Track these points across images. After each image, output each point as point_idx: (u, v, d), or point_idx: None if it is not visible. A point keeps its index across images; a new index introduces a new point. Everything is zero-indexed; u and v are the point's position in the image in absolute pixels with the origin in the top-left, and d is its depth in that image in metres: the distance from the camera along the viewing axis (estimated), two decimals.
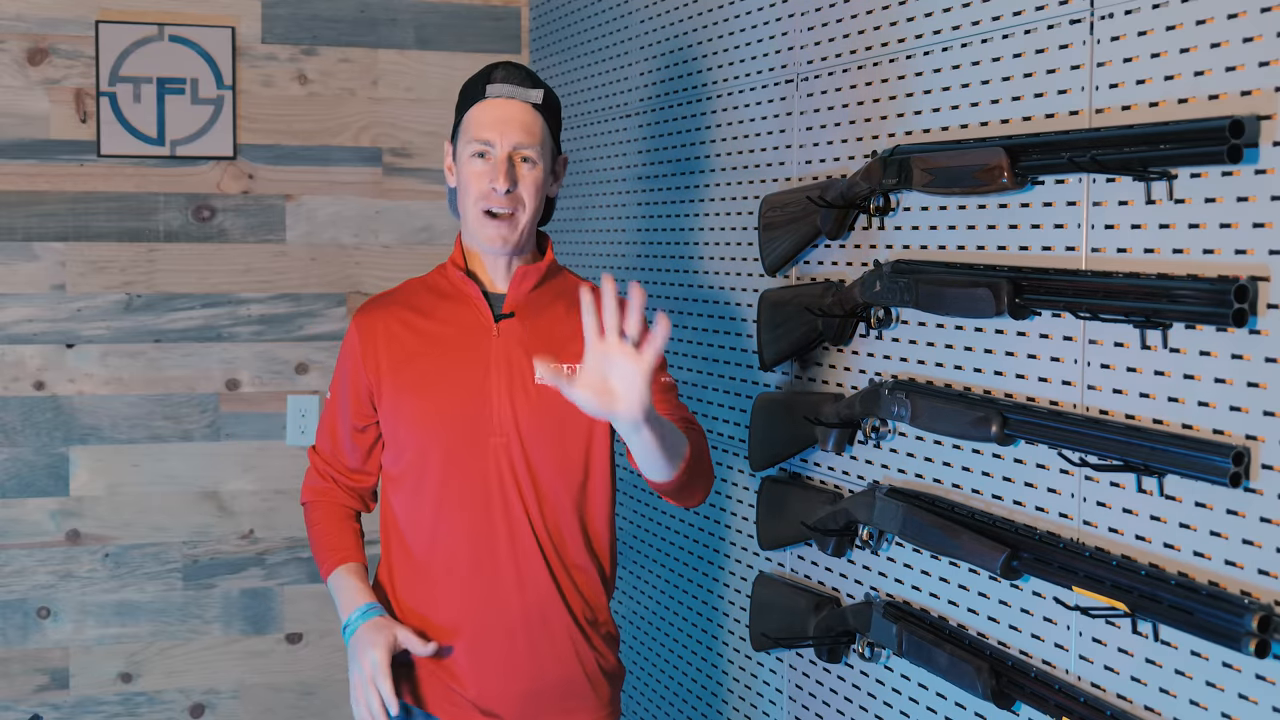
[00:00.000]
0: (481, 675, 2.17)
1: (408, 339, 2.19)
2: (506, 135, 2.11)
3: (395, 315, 2.21)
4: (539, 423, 2.14)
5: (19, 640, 3.50)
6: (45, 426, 3.49)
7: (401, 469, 2.20)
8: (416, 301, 2.22)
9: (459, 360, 2.16)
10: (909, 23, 2.04)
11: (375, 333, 2.20)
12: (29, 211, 3.46)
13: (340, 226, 3.67)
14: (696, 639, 2.78)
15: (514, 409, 2.14)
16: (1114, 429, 1.60)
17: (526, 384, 2.15)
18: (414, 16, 3.71)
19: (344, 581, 2.22)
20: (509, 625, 2.16)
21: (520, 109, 2.13)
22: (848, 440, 2.18)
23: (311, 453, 2.33)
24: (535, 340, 2.16)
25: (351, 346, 2.22)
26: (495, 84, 2.14)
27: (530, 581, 2.16)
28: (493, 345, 2.16)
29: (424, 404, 2.16)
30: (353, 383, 2.22)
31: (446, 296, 2.21)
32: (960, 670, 1.85)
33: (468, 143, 2.14)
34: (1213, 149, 1.45)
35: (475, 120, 2.14)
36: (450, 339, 2.17)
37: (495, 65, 2.18)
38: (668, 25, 2.85)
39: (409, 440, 2.18)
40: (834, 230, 2.19)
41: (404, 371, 2.17)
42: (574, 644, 2.20)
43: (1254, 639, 1.40)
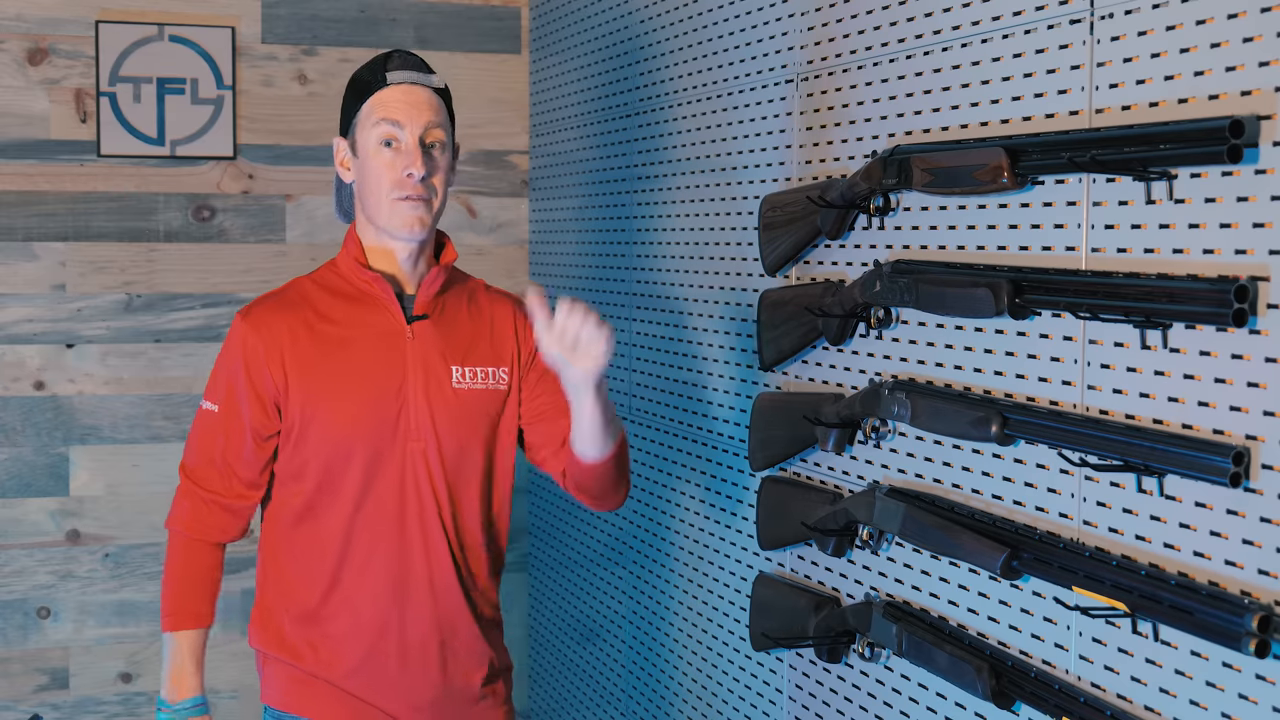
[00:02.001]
0: (394, 684, 2.12)
1: (314, 344, 2.08)
2: (416, 118, 2.04)
3: (297, 318, 2.10)
4: (456, 427, 2.11)
5: (19, 640, 3.50)
6: (45, 426, 3.49)
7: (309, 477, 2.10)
8: (315, 303, 2.12)
9: (374, 363, 2.08)
10: (909, 23, 2.04)
11: (278, 336, 2.07)
12: (29, 211, 3.46)
13: (340, 227, 3.65)
14: (696, 639, 2.78)
15: (432, 413, 2.10)
16: (1114, 429, 1.60)
17: (443, 387, 2.10)
18: (414, 16, 3.71)
19: (179, 654, 2.15)
20: (420, 630, 2.13)
21: (425, 93, 2.06)
22: (848, 440, 2.18)
23: (184, 475, 2.16)
24: (448, 343, 2.12)
25: (251, 352, 2.07)
26: (395, 70, 2.06)
27: (441, 586, 2.13)
28: (408, 348, 2.10)
29: (340, 410, 2.06)
30: (254, 390, 2.08)
31: (349, 298, 2.12)
32: (960, 670, 1.85)
33: (373, 127, 2.05)
34: (1213, 149, 1.45)
35: (380, 105, 2.05)
36: (360, 342, 2.09)
37: (389, 54, 2.09)
38: (668, 25, 2.85)
39: (322, 447, 2.08)
40: (834, 230, 2.19)
41: (314, 377, 2.07)
42: (481, 649, 2.19)
43: (1254, 639, 1.40)
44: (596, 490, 2.14)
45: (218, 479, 2.14)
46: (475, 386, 2.13)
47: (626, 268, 3.05)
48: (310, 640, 2.13)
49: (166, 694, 2.16)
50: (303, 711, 2.13)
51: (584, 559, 3.35)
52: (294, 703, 2.14)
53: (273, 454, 2.13)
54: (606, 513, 2.31)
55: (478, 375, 2.13)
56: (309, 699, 2.13)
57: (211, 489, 2.14)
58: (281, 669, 2.15)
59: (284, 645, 2.14)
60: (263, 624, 2.17)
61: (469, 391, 2.12)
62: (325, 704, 2.12)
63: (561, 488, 2.23)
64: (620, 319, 3.08)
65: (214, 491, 2.14)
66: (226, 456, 2.12)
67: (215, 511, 2.15)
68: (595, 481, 2.11)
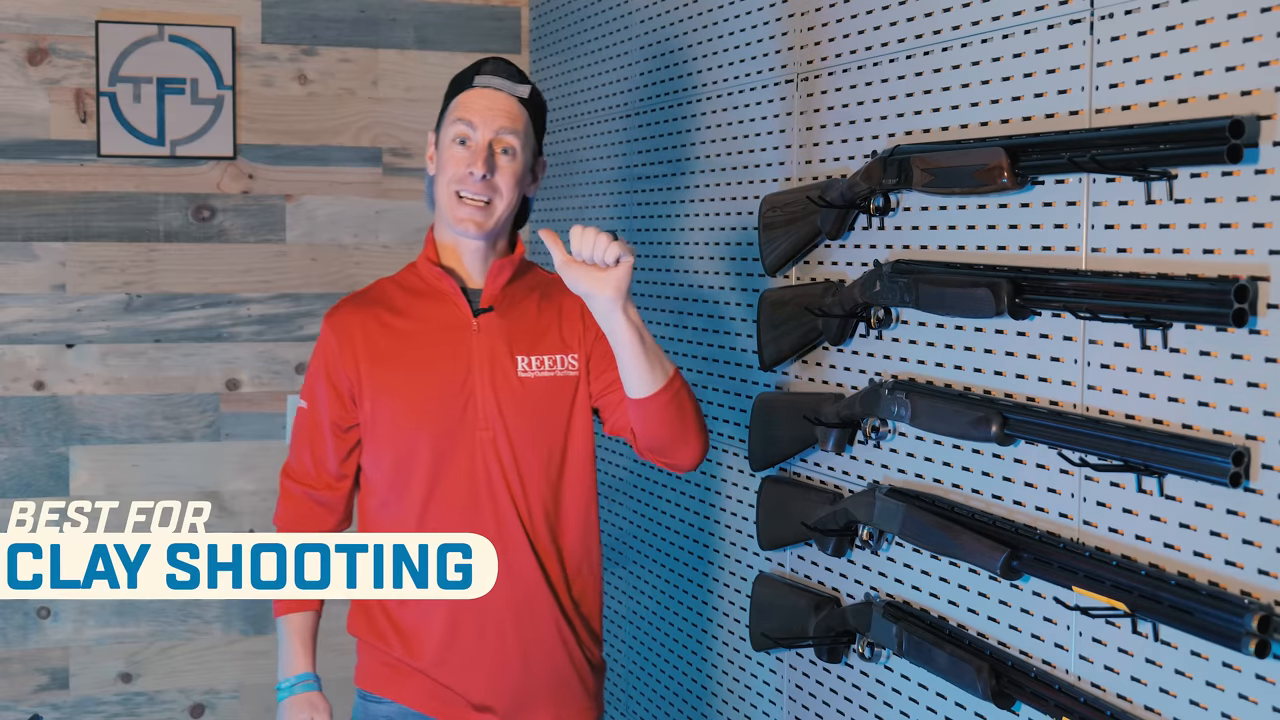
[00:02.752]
0: (473, 671, 2.17)
1: (385, 338, 2.18)
2: (490, 121, 2.13)
3: (370, 314, 2.20)
4: (523, 415, 2.15)
5: (19, 640, 3.50)
6: (45, 426, 3.49)
7: (384, 468, 2.19)
8: (390, 300, 2.21)
9: (440, 356, 2.16)
10: (909, 23, 2.04)
11: (352, 333, 2.18)
12: (29, 211, 3.46)
13: (340, 226, 3.67)
14: (697, 639, 2.78)
15: (499, 402, 2.15)
16: (1114, 429, 1.60)
17: (509, 377, 2.15)
18: (414, 16, 3.71)
19: (289, 636, 2.28)
20: (499, 618, 2.17)
21: (506, 100, 2.15)
22: (848, 440, 2.18)
23: (284, 477, 2.29)
24: (515, 333, 2.17)
25: (327, 348, 2.20)
26: (485, 75, 2.16)
27: (518, 573, 2.16)
28: (473, 340, 2.16)
29: (408, 402, 2.15)
30: (333, 384, 2.19)
31: (420, 294, 2.20)
32: (960, 670, 1.85)
33: (450, 125, 2.15)
34: (1213, 149, 1.45)
35: (460, 105, 2.15)
36: (429, 335, 2.17)
37: (485, 59, 2.20)
38: (668, 25, 2.85)
39: (393, 439, 2.17)
40: (834, 230, 2.19)
41: (384, 370, 2.16)
42: (561, 635, 2.20)
43: (1254, 639, 1.40)
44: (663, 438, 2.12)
45: (308, 472, 2.26)
46: (542, 374, 2.17)
47: None
48: (396, 627, 2.20)
49: (279, 673, 2.29)
50: (388, 694, 2.20)
51: None
52: (381, 685, 2.21)
53: (355, 445, 2.23)
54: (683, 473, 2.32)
55: (545, 363, 2.17)
56: (395, 683, 2.20)
57: (303, 482, 2.26)
58: (373, 654, 2.23)
59: (374, 631, 2.22)
60: (358, 611, 2.26)
61: (535, 380, 2.16)
62: (410, 688, 2.19)
63: (638, 454, 2.22)
64: None
65: (305, 484, 2.26)
66: (314, 450, 2.24)
67: (307, 504, 2.27)
68: (656, 427, 2.10)
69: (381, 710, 2.20)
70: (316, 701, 2.25)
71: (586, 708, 2.26)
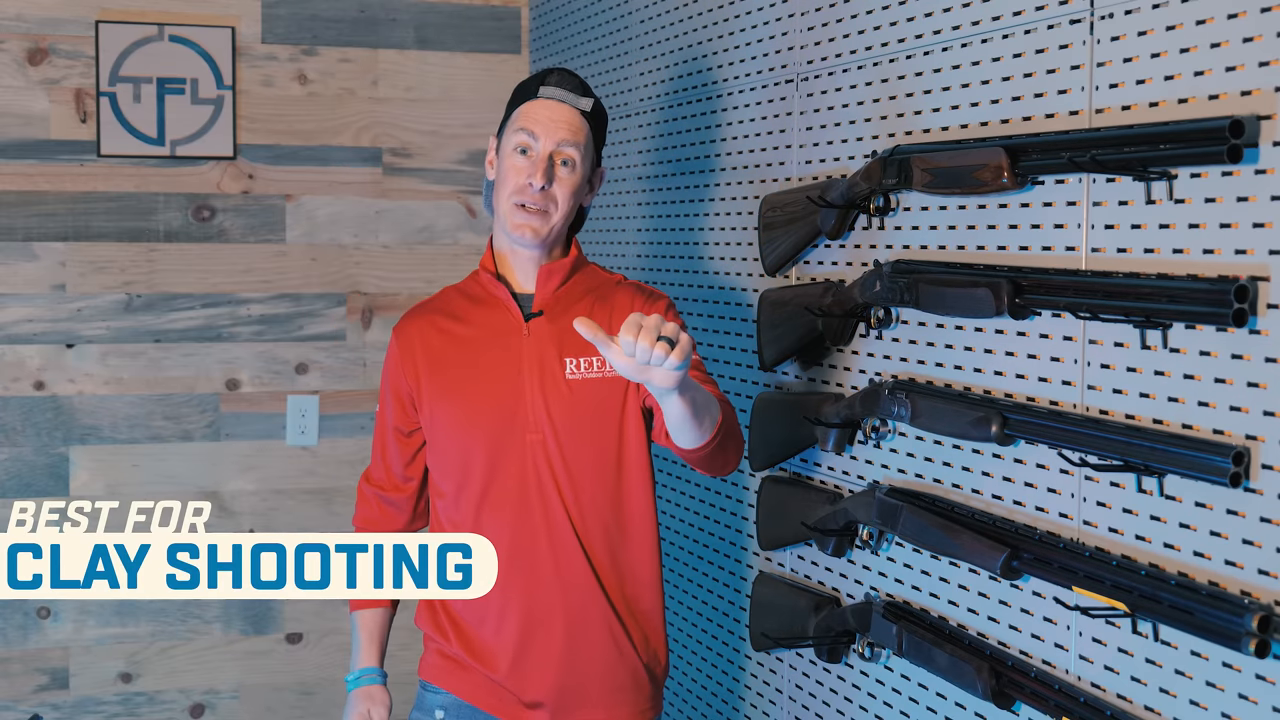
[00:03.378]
0: (524, 668, 2.20)
1: (442, 345, 2.24)
2: (551, 133, 2.15)
3: (430, 322, 2.26)
4: (572, 418, 2.17)
5: (19, 640, 3.50)
6: (45, 426, 3.49)
7: (444, 470, 2.24)
8: (452, 308, 2.27)
9: (492, 361, 2.20)
10: (909, 23, 2.04)
11: (412, 341, 2.26)
12: (29, 211, 3.46)
13: (340, 226, 3.67)
14: (696, 639, 2.78)
15: (547, 405, 2.17)
16: (1114, 429, 1.60)
17: (558, 380, 2.18)
18: (414, 16, 3.70)
19: (358, 631, 2.34)
20: (549, 618, 2.19)
21: (569, 112, 2.17)
22: (848, 440, 2.18)
23: (363, 482, 2.37)
24: (565, 337, 2.18)
25: (392, 356, 2.29)
26: (549, 86, 2.19)
27: (569, 574, 2.18)
28: (524, 344, 2.19)
29: (461, 407, 2.20)
30: (395, 391, 2.28)
31: (479, 301, 2.25)
32: (960, 670, 1.85)
33: (513, 134, 2.18)
34: (1213, 149, 1.45)
35: (524, 115, 2.18)
36: (482, 341, 2.22)
37: (552, 70, 2.23)
38: (668, 25, 2.85)
39: (450, 443, 2.22)
40: (834, 230, 2.19)
41: (440, 377, 2.22)
42: (613, 637, 2.21)
43: (1254, 639, 1.40)
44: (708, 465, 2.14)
45: (380, 473, 2.35)
46: (590, 376, 2.18)
47: (627, 268, 3.05)
48: (454, 621, 2.25)
49: (350, 666, 2.35)
50: (444, 685, 2.26)
51: None
52: (439, 677, 2.27)
53: (419, 448, 2.30)
54: None
55: (594, 365, 2.18)
56: (451, 675, 2.25)
57: (375, 483, 2.35)
58: (433, 647, 2.29)
59: (437, 626, 2.27)
60: (424, 605, 2.31)
61: (583, 382, 2.18)
62: (465, 682, 2.24)
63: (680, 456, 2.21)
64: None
65: (377, 485, 2.35)
66: (385, 454, 2.33)
67: (377, 504, 2.35)
68: (699, 464, 2.13)
69: (436, 700, 2.25)
70: (375, 694, 2.30)
71: (642, 710, 2.26)
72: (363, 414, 3.65)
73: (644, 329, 1.77)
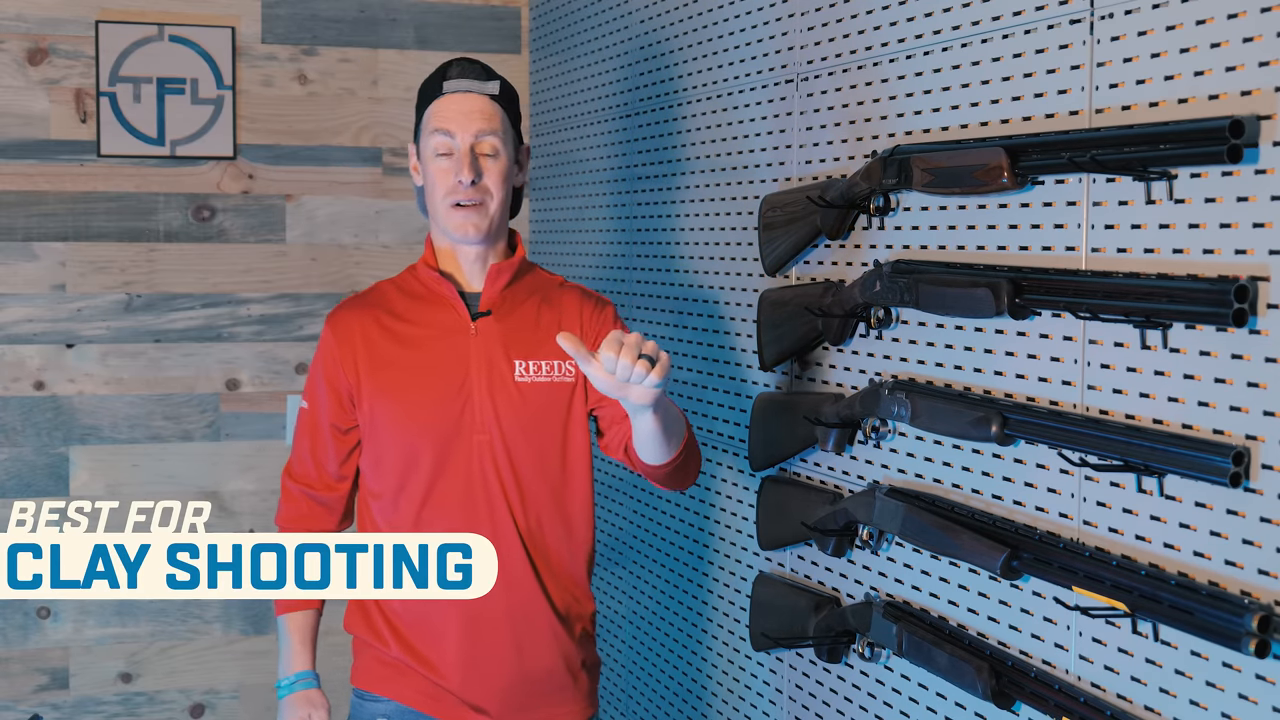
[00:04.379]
0: (468, 671, 2.18)
1: (384, 342, 2.19)
2: (467, 126, 2.13)
3: (371, 317, 2.21)
4: (520, 420, 2.16)
5: (19, 640, 3.50)
6: (45, 426, 3.49)
7: (383, 470, 2.20)
8: (390, 304, 2.22)
9: (439, 361, 2.17)
10: (909, 23, 2.04)
11: (352, 335, 2.20)
12: (29, 211, 3.46)
13: (340, 226, 3.67)
14: (696, 639, 2.78)
15: (495, 407, 2.16)
16: (1114, 429, 1.60)
17: (506, 381, 2.16)
18: (414, 16, 3.71)
19: (288, 634, 2.28)
20: (494, 620, 2.18)
21: (479, 101, 2.15)
22: (848, 440, 2.18)
23: (286, 478, 2.30)
24: (513, 338, 2.18)
25: (328, 350, 2.22)
26: (451, 80, 2.16)
27: (514, 576, 2.17)
28: (471, 344, 2.17)
29: (406, 405, 2.16)
30: (332, 386, 2.22)
31: (420, 298, 2.21)
32: (960, 670, 1.85)
33: (429, 136, 2.15)
34: (1213, 149, 1.45)
35: (436, 115, 2.15)
36: (427, 339, 2.18)
37: (450, 63, 2.19)
38: (668, 25, 2.85)
39: (392, 442, 2.18)
40: (834, 230, 2.19)
41: (382, 374, 2.18)
42: (556, 637, 2.21)
43: (1254, 639, 1.40)
44: (668, 481, 2.17)
45: (309, 472, 2.27)
46: (539, 380, 2.18)
47: (627, 268, 3.05)
48: (392, 626, 2.21)
49: (279, 671, 2.30)
50: (384, 692, 2.21)
51: None
52: (378, 684, 2.22)
53: (355, 446, 2.25)
54: None
55: (542, 368, 2.18)
56: (392, 681, 2.21)
57: (304, 482, 2.28)
58: (370, 652, 2.24)
59: (371, 630, 2.23)
60: (354, 610, 2.27)
61: (532, 385, 2.17)
62: (407, 687, 2.20)
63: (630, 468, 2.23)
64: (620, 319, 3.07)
65: (306, 484, 2.28)
66: (315, 451, 2.26)
67: (307, 504, 2.28)
68: (660, 480, 2.15)
69: (379, 709, 2.21)
70: (315, 699, 2.26)
71: (581, 708, 2.27)
72: None
73: (625, 346, 1.81)
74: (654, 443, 2.03)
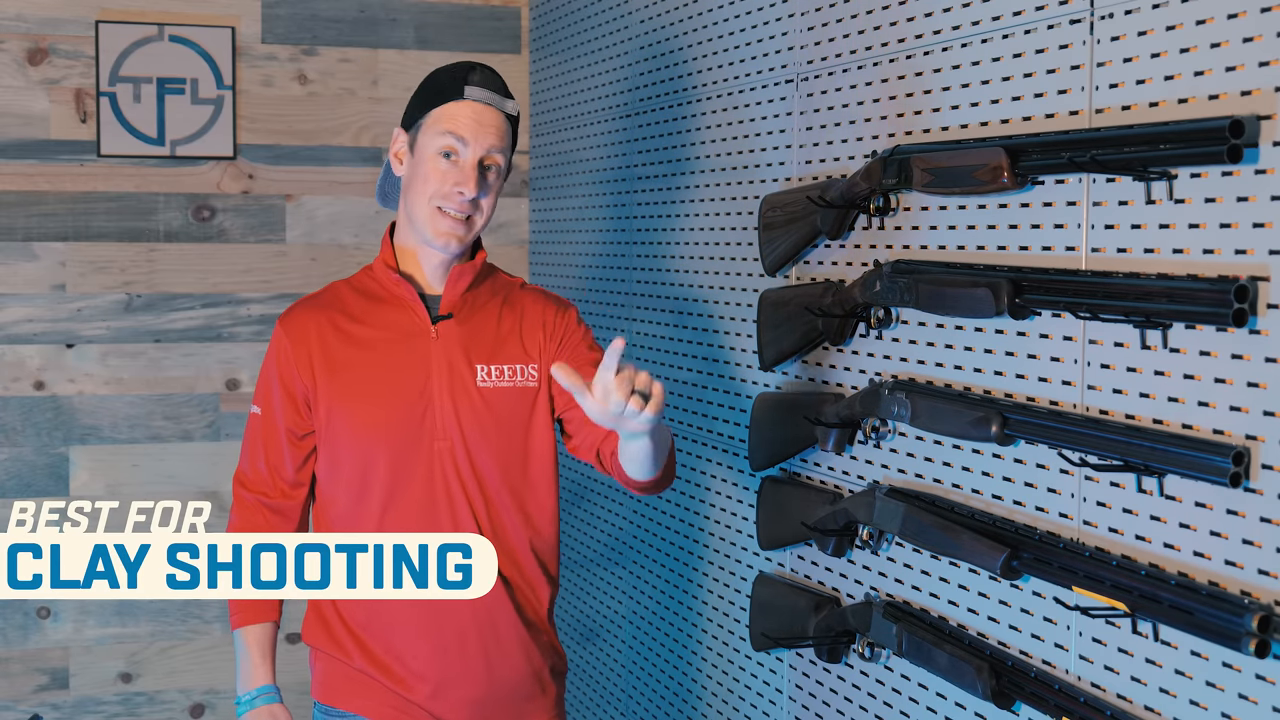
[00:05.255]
0: (433, 682, 2.14)
1: (341, 344, 2.13)
2: (481, 139, 2.07)
3: (326, 319, 2.14)
4: (482, 426, 2.12)
5: (19, 640, 3.50)
6: (45, 426, 3.49)
7: (341, 476, 2.15)
8: (346, 305, 2.16)
9: (398, 364, 2.12)
10: (909, 23, 2.04)
11: (307, 337, 2.13)
12: (29, 211, 3.46)
13: (340, 226, 3.67)
14: (696, 639, 2.78)
15: (456, 411, 2.11)
16: (1114, 429, 1.60)
17: (468, 386, 2.12)
18: (414, 16, 3.71)
19: (246, 648, 2.20)
20: (460, 629, 2.14)
21: (496, 116, 2.09)
22: (848, 440, 2.18)
23: (237, 485, 2.24)
24: (474, 342, 2.14)
25: (282, 352, 2.15)
26: (475, 86, 2.08)
27: None
28: (432, 348, 2.12)
29: (365, 410, 2.11)
30: (288, 391, 2.15)
31: (377, 299, 2.15)
32: (960, 670, 1.85)
33: (435, 134, 2.07)
34: (1213, 149, 1.45)
35: (448, 116, 2.07)
36: (386, 343, 2.13)
37: (472, 66, 2.11)
38: (667, 25, 2.85)
39: (350, 447, 2.13)
40: (834, 230, 2.19)
41: (340, 378, 2.12)
42: (522, 645, 2.18)
43: (1254, 639, 1.40)
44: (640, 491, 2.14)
45: (263, 479, 2.20)
46: (501, 385, 2.14)
47: (626, 268, 3.05)
48: (355, 637, 2.16)
49: (239, 687, 2.21)
50: (349, 706, 2.16)
51: (584, 559, 3.35)
52: (341, 698, 2.17)
53: (311, 452, 2.18)
54: None
55: (504, 374, 2.14)
56: (356, 694, 2.16)
57: (257, 490, 2.21)
58: (331, 664, 2.18)
59: (333, 641, 2.17)
60: (313, 620, 2.21)
61: (494, 390, 2.13)
62: (371, 699, 2.15)
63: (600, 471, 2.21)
64: (620, 319, 3.08)
65: (260, 492, 2.21)
66: (269, 457, 2.19)
67: (262, 512, 2.21)
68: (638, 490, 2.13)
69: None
70: (278, 713, 2.19)
71: (552, 716, 2.25)
72: None
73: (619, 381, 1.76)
74: (642, 462, 2.01)
